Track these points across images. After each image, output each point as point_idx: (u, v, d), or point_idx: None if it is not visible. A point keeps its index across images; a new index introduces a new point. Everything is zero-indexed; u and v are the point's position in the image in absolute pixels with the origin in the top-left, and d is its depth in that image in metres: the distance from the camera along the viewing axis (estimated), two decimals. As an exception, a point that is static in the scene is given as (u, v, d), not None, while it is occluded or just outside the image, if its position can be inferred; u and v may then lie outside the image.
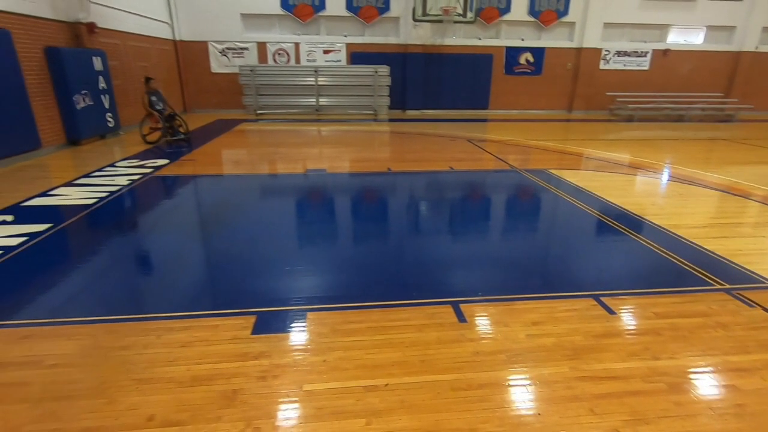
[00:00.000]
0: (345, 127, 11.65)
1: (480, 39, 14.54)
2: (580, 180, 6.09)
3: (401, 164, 7.24)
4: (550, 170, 6.69)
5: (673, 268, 3.40)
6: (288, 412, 1.91)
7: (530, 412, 1.93)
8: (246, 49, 13.83)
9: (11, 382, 2.07)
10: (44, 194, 5.12)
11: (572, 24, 14.66)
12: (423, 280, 3.21)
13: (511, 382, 2.11)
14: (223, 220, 4.60)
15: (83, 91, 8.14)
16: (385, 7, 13.80)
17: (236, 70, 13.53)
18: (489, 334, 2.51)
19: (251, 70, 13.20)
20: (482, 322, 2.62)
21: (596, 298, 2.90)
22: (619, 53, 15.12)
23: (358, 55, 14.15)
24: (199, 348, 2.35)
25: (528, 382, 2.11)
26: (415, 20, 13.48)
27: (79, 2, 8.26)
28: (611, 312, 2.74)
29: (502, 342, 2.42)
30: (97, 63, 8.61)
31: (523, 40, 14.71)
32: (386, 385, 2.09)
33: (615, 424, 1.86)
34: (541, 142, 9.41)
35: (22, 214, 4.45)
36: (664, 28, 15.07)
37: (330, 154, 8.15)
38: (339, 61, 14.25)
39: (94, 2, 8.68)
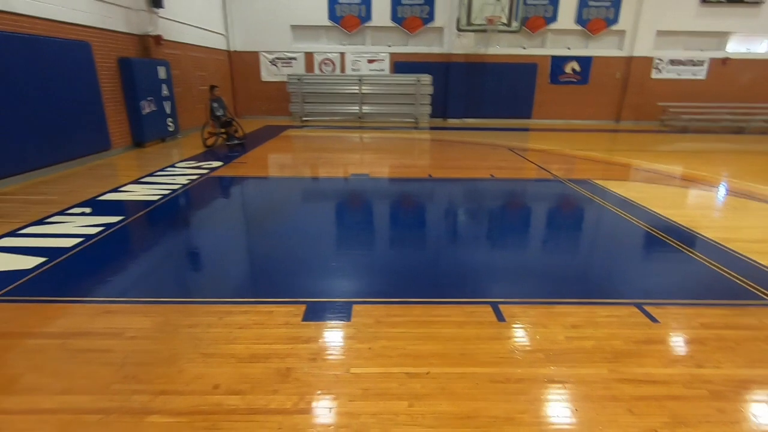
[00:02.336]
0: (386, 135, 11.91)
1: (524, 48, 14.44)
2: (627, 191, 5.96)
3: (441, 171, 7.35)
4: (595, 180, 6.58)
5: (723, 281, 3.32)
6: (337, 390, 2.08)
7: (567, 407, 1.99)
8: (294, 58, 14.47)
9: (99, 349, 2.37)
10: (115, 190, 5.64)
11: (622, 32, 14.27)
12: (463, 280, 3.31)
13: (549, 379, 2.18)
14: (273, 218, 4.90)
15: (149, 98, 8.86)
16: (430, 17, 14.02)
17: (284, 79, 14.17)
18: (528, 333, 2.58)
19: (298, 79, 13.78)
20: (521, 322, 2.69)
21: (639, 306, 2.89)
22: (672, 62, 14.53)
23: (401, 65, 14.44)
24: (256, 330, 2.58)
25: (566, 379, 2.17)
26: (459, 30, 13.61)
27: (149, 17, 9.03)
28: (654, 320, 2.73)
29: (540, 342, 2.49)
30: (162, 72, 9.34)
31: (569, 48, 14.47)
32: (427, 373, 2.21)
33: (654, 425, 1.89)
34: (586, 152, 9.23)
35: (98, 207, 4.94)
36: (723, 36, 14.35)
37: (372, 160, 8.39)
38: (382, 70, 14.60)
39: (162, 17, 9.45)
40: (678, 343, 2.51)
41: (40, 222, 4.37)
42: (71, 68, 6.83)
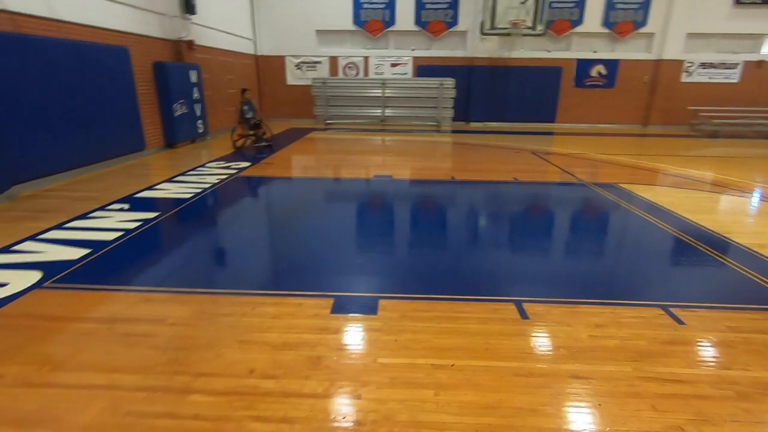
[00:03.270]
0: (408, 137, 12.00)
1: (549, 51, 14.32)
2: (654, 195, 5.88)
3: (464, 173, 7.39)
4: (621, 184, 6.50)
5: (753, 286, 3.27)
6: (365, 378, 2.17)
7: (590, 402, 2.03)
8: (319, 62, 14.74)
9: (143, 333, 2.54)
10: (150, 188, 5.91)
11: (651, 35, 13.99)
12: (487, 279, 3.37)
13: (572, 374, 2.22)
14: (300, 217, 5.06)
15: (180, 101, 9.20)
16: (453, 21, 14.08)
17: (309, 82, 14.45)
18: (551, 331, 2.62)
19: (323, 83, 14.04)
20: (544, 321, 2.73)
21: (665, 308, 2.89)
22: (703, 65, 14.15)
23: (424, 68, 14.52)
24: (287, 320, 2.70)
25: (589, 376, 2.21)
26: (482, 34, 13.62)
27: (183, 23, 9.40)
28: (680, 322, 2.72)
29: (564, 339, 2.53)
30: (193, 76, 9.69)
31: (595, 52, 14.28)
32: (452, 365, 2.29)
33: (678, 421, 1.92)
34: (612, 157, 9.10)
35: (135, 203, 5.20)
36: (758, 38, 13.90)
37: (394, 162, 8.49)
38: (405, 73, 14.71)
39: (194, 23, 9.82)
40: (704, 345, 2.51)
41: (83, 216, 4.63)
42: (111, 72, 7.18)
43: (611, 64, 14.31)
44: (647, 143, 11.69)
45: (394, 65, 14.70)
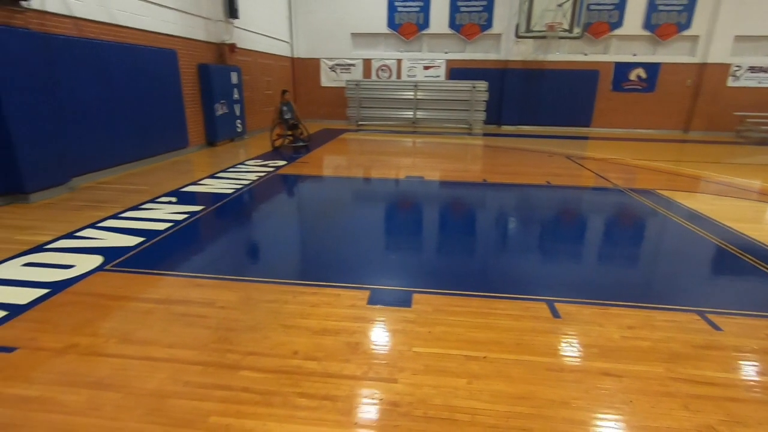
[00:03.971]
0: (440, 140, 12.06)
1: (586, 54, 14.05)
2: (694, 203, 5.74)
3: (496, 176, 7.40)
4: (659, 191, 6.37)
5: (797, 297, 3.18)
6: (401, 365, 2.30)
7: (622, 398, 2.08)
8: (353, 65, 15.02)
9: (196, 314, 2.76)
10: (195, 183, 6.26)
11: (695, 38, 13.50)
12: (519, 279, 3.43)
13: (604, 372, 2.27)
14: (335, 213, 5.25)
15: (222, 101, 9.63)
16: (488, 24, 14.04)
17: (343, 84, 14.75)
18: (583, 330, 2.66)
19: (356, 85, 14.30)
20: (576, 320, 2.77)
21: (701, 314, 2.87)
22: (752, 69, 13.53)
23: (457, 71, 14.55)
24: (326, 309, 2.86)
25: (620, 374, 2.25)
26: (517, 37, 13.51)
27: (226, 26, 9.83)
28: (716, 328, 2.71)
29: (595, 338, 2.57)
30: (234, 77, 10.11)
31: (635, 55, 13.90)
32: (485, 357, 2.38)
33: (710, 421, 1.94)
34: (650, 163, 8.87)
35: (182, 197, 5.53)
36: (814, 40, 13.17)
37: (426, 164, 8.59)
38: (438, 76, 14.78)
39: (236, 26, 10.25)
40: (741, 350, 2.49)
41: (136, 208, 4.98)
42: (160, 74, 7.63)
43: (651, 68, 13.89)
44: (688, 149, 11.30)
45: (426, 68, 14.79)
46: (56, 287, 3.07)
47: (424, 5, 14.04)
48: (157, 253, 3.74)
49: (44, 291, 3.01)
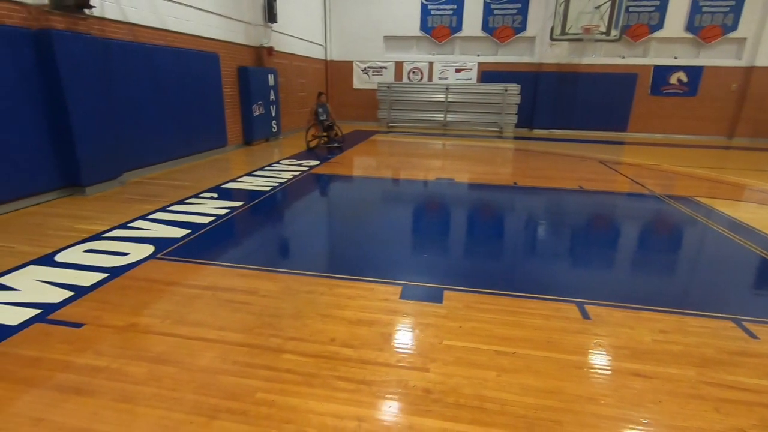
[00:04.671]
0: (470, 143, 12.06)
1: (623, 57, 13.71)
2: (736, 211, 5.56)
3: (527, 180, 7.38)
4: (698, 198, 6.20)
5: (842, 309, 3.09)
6: (433, 356, 2.41)
7: (651, 398, 2.12)
8: (385, 67, 15.21)
9: (241, 301, 2.96)
10: (234, 180, 6.56)
11: (742, 40, 12.95)
12: (550, 280, 3.47)
13: (633, 372, 2.30)
14: (367, 212, 5.41)
15: (259, 102, 9.99)
16: (522, 27, 13.93)
17: (374, 87, 14.96)
18: (613, 331, 2.69)
19: (388, 87, 14.48)
20: (606, 322, 2.80)
21: (737, 321, 2.84)
22: (805, 73, 12.84)
23: (488, 74, 14.49)
24: (361, 301, 3.01)
25: (650, 375, 2.28)
26: (552, 39, 13.35)
27: (264, 30, 10.20)
28: (753, 336, 2.68)
29: (626, 340, 2.60)
30: (271, 79, 10.47)
31: (676, 58, 13.46)
32: (514, 353, 2.46)
33: (742, 425, 1.96)
34: (689, 169, 8.60)
35: (222, 193, 5.82)
36: None
37: (456, 166, 8.64)
38: (469, 79, 14.77)
39: (274, 30, 10.61)
40: (778, 359, 2.46)
41: (181, 202, 5.29)
42: (204, 76, 8.02)
43: (693, 71, 13.41)
44: (732, 156, 10.85)
45: (458, 71, 14.81)
46: (114, 272, 3.35)
47: (458, 8, 14.07)
48: (202, 245, 3.99)
49: (104, 275, 3.29)
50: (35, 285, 3.11)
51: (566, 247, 4.42)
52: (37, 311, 2.76)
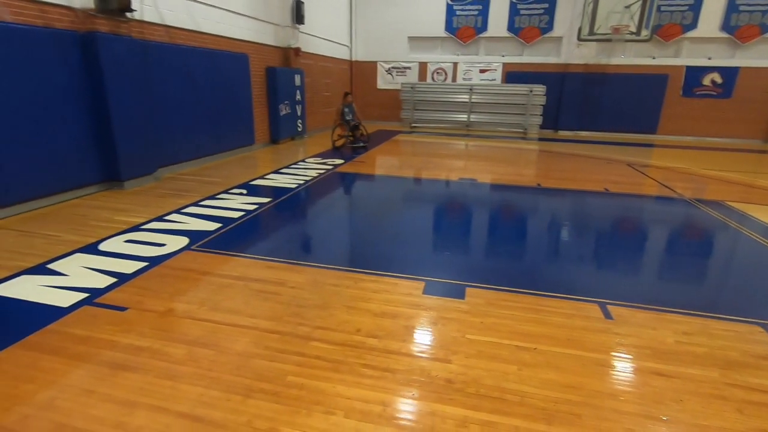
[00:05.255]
0: (493, 143, 12.01)
1: (654, 58, 13.38)
2: None
3: (551, 181, 7.33)
4: (730, 202, 6.05)
5: None
6: (455, 348, 2.49)
7: (672, 396, 2.14)
8: (409, 68, 15.28)
9: (271, 291, 3.10)
10: (261, 177, 6.77)
11: (781, 40, 12.45)
12: (572, 280, 3.49)
13: (655, 371, 2.32)
14: (391, 210, 5.51)
15: (285, 102, 10.23)
16: (548, 27, 13.77)
17: (398, 87, 15.05)
18: (635, 332, 2.70)
19: (411, 87, 14.54)
20: (629, 322, 2.82)
21: (766, 327, 2.81)
22: None
23: (513, 74, 14.38)
24: (385, 295, 3.11)
25: (672, 375, 2.30)
26: (579, 40, 13.15)
27: (292, 31, 10.44)
28: (781, 341, 2.65)
29: (648, 341, 2.61)
30: (297, 79, 10.69)
31: (710, 59, 13.04)
32: (535, 348, 2.51)
33: (765, 426, 1.96)
34: (722, 173, 8.36)
35: (251, 189, 6.03)
36: None
37: (478, 167, 8.65)
38: (494, 79, 14.68)
39: (302, 31, 10.84)
40: (807, 365, 2.43)
41: (212, 197, 5.51)
42: (234, 76, 8.29)
43: (729, 72, 12.97)
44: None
45: (482, 71, 14.74)
46: (153, 261, 3.55)
47: (483, 9, 14.02)
48: (233, 238, 4.18)
49: (144, 264, 3.50)
50: (82, 271, 3.34)
51: (589, 249, 4.41)
52: (84, 295, 2.98)
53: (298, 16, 10.38)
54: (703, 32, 12.80)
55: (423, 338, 2.59)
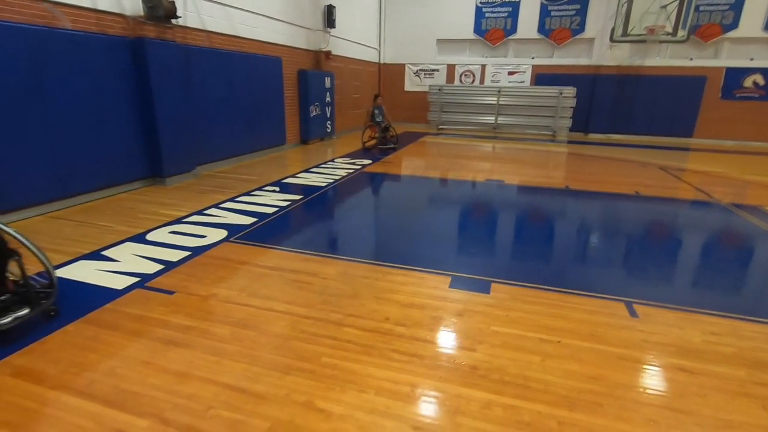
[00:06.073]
0: (521, 146, 11.94)
1: (691, 59, 12.98)
2: (809, 222, 5.23)
3: (579, 183, 7.28)
4: None
5: None
6: (480, 339, 2.59)
7: (695, 391, 2.18)
8: (437, 70, 15.36)
9: (304, 281, 3.29)
10: (293, 176, 7.02)
11: (831, 39, 11.85)
12: (598, 278, 3.52)
13: (680, 367, 2.36)
14: (418, 208, 5.64)
15: (315, 103, 10.52)
16: (580, 28, 13.57)
17: (425, 89, 15.16)
18: (661, 330, 2.73)
19: (439, 89, 14.62)
20: (655, 321, 2.84)
21: (797, 330, 2.78)
22: None
23: (543, 77, 14.24)
24: (412, 288, 3.24)
25: (698, 372, 2.33)
26: (612, 41, 12.90)
27: (323, 35, 10.73)
28: (814, 344, 2.62)
29: (674, 339, 2.64)
30: (327, 82, 10.97)
31: (752, 59, 12.55)
32: (559, 341, 2.58)
33: (790, 423, 1.98)
34: (763, 178, 8.07)
35: (283, 187, 6.28)
36: None
37: (506, 169, 8.65)
38: (523, 82, 14.58)
39: (333, 35, 11.12)
40: (839, 368, 2.41)
41: (247, 194, 5.78)
42: (268, 79, 8.61)
43: (772, 74, 12.44)
44: (813, 166, 9.98)
45: (511, 73, 14.66)
46: (195, 251, 3.81)
47: (513, 10, 13.96)
48: (268, 231, 4.40)
49: (187, 253, 3.75)
50: (133, 258, 3.62)
51: (616, 249, 4.40)
52: (136, 279, 3.24)
53: (330, 20, 10.66)
54: (744, 32, 12.34)
55: (449, 328, 2.70)
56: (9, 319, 2.34)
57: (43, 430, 1.85)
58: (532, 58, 14.41)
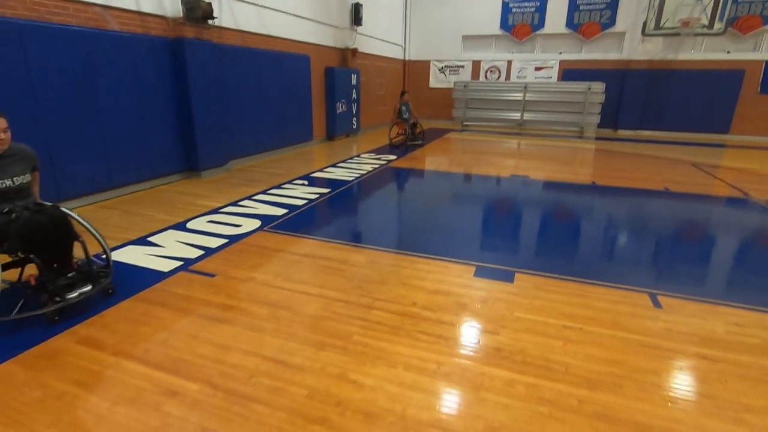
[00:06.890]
0: (547, 142, 11.83)
1: (728, 52, 12.52)
2: None
3: (607, 180, 7.21)
4: (805, 205, 5.69)
5: None
6: (504, 324, 2.70)
7: (716, 377, 2.23)
8: (462, 66, 15.33)
9: (335, 267, 3.47)
10: (321, 170, 7.24)
11: None
12: (622, 270, 3.55)
13: (701, 356, 2.40)
14: (444, 202, 5.75)
15: (342, 100, 10.72)
16: (610, 22, 13.28)
17: (450, 86, 15.16)
18: (684, 320, 2.77)
19: (464, 86, 14.60)
20: (679, 311, 2.88)
21: (827, 324, 2.76)
22: None
23: (571, 72, 14.01)
24: (438, 276, 3.36)
25: (719, 360, 2.37)
26: (644, 35, 12.59)
27: (350, 33, 10.91)
28: (843, 338, 2.61)
29: (696, 329, 2.67)
30: (353, 79, 11.16)
31: (794, 52, 12.00)
32: (580, 328, 2.66)
33: (811, 410, 2.01)
34: (800, 175, 7.77)
35: (311, 181, 6.49)
36: None
37: (531, 165, 8.63)
38: (550, 77, 14.38)
39: (359, 33, 11.28)
40: None
41: (278, 187, 6.02)
42: (296, 76, 8.86)
43: (817, 67, 11.87)
44: None
45: (538, 69, 14.49)
46: (232, 239, 4.05)
47: (540, 5, 13.78)
48: (299, 222, 4.61)
49: (225, 240, 4.00)
50: (175, 244, 3.88)
51: (643, 243, 4.39)
52: (180, 263, 3.49)
53: (356, 18, 10.83)
54: (787, 24, 11.81)
55: (473, 314, 2.82)
56: (75, 293, 2.60)
57: (107, 389, 2.08)
58: (560, 53, 14.20)
